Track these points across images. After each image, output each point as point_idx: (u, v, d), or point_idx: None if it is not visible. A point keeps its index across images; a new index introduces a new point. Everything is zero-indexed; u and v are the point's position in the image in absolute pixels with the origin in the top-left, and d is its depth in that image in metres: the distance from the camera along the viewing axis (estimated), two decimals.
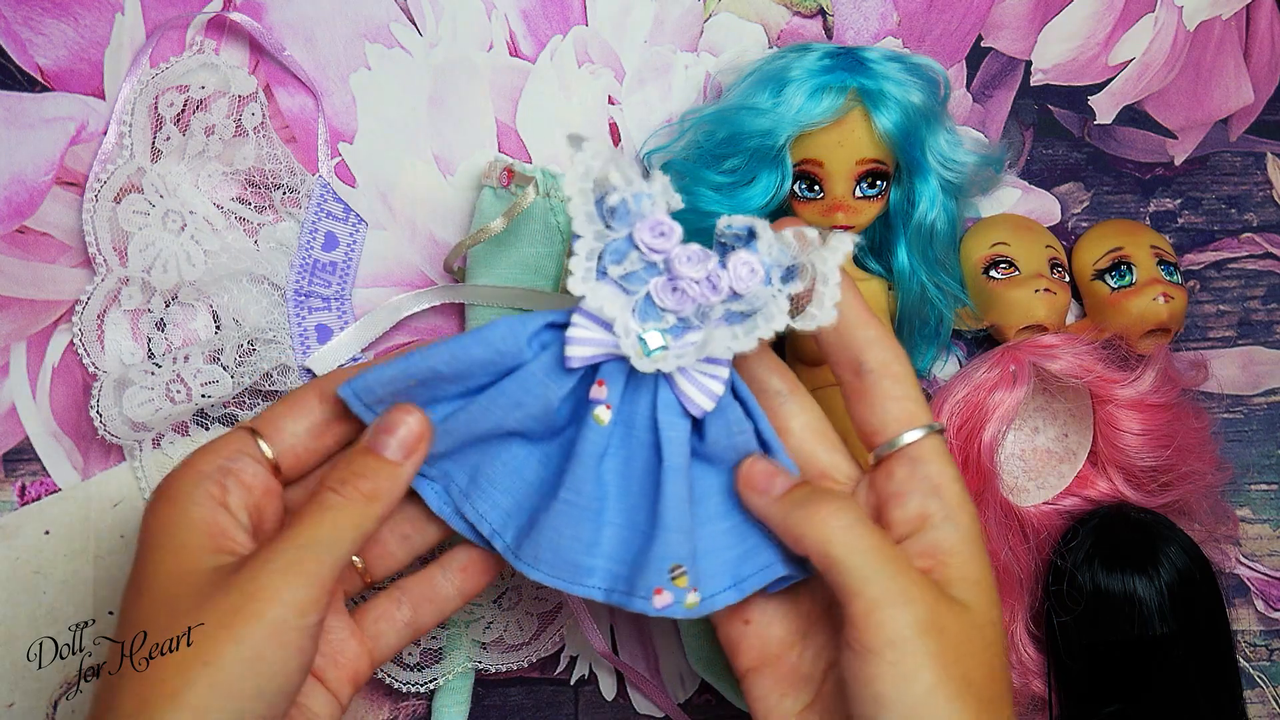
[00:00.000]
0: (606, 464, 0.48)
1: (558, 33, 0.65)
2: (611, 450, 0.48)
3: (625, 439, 0.48)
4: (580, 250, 0.46)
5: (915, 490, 0.47)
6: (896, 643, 0.44)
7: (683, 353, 0.46)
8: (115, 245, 0.60)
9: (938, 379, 0.66)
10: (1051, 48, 0.69)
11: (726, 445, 0.48)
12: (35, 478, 0.61)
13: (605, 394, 0.47)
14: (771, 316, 0.46)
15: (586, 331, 0.47)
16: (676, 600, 0.47)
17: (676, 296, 0.46)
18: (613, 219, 0.46)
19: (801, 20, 0.67)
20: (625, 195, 0.46)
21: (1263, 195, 0.70)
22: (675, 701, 0.64)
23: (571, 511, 0.47)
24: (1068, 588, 0.61)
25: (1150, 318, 0.63)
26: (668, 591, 0.46)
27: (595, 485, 0.47)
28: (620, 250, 0.46)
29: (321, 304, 0.62)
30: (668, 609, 0.46)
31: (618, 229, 0.46)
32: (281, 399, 0.50)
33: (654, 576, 0.46)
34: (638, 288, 0.47)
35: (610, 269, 0.46)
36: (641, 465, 0.48)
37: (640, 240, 0.46)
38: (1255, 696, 0.67)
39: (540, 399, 0.47)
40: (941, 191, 0.60)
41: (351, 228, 0.63)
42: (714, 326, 0.46)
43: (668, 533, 0.47)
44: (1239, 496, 0.68)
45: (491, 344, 0.48)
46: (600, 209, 0.46)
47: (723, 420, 0.48)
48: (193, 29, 0.62)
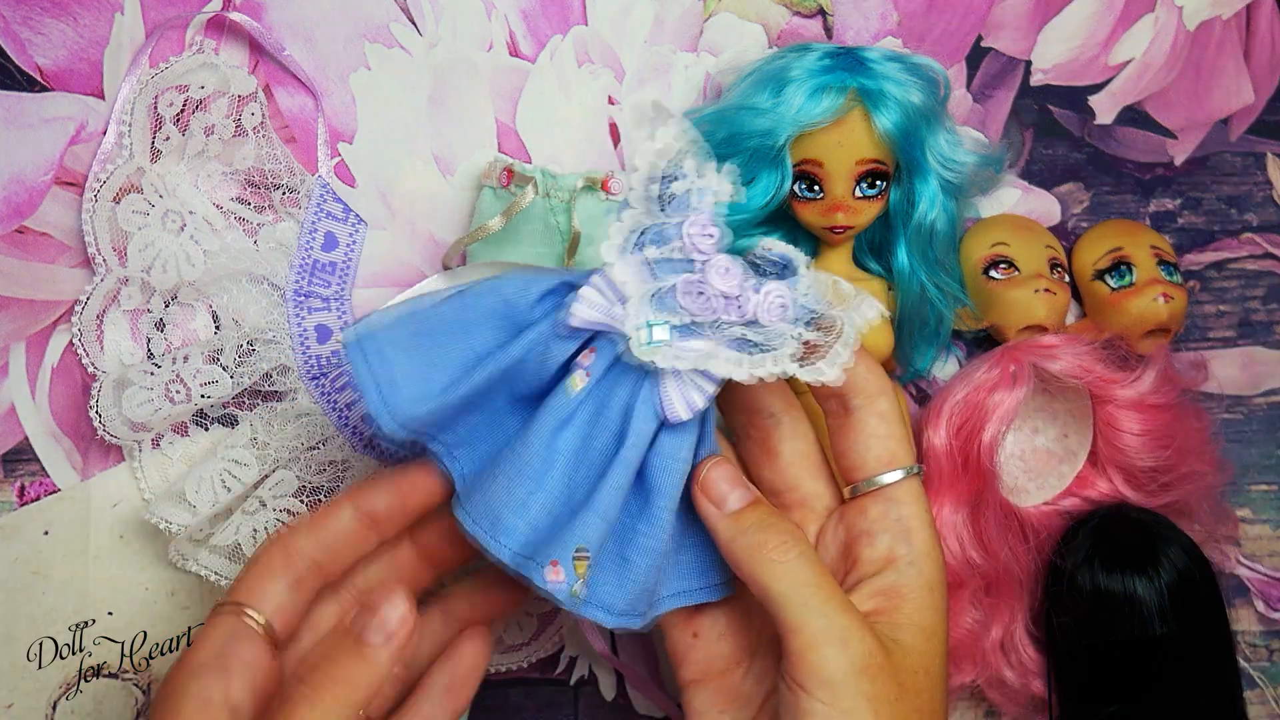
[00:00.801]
0: (565, 434, 0.47)
1: (558, 33, 0.65)
2: (575, 423, 0.47)
3: (593, 418, 0.47)
4: (625, 219, 0.46)
5: (886, 531, 0.48)
6: (831, 683, 0.44)
7: (681, 355, 0.46)
8: (115, 245, 0.60)
9: (938, 379, 0.66)
10: (1051, 48, 0.69)
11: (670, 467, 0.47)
12: (34, 478, 0.61)
13: (589, 362, 0.47)
14: (780, 360, 0.45)
15: (599, 297, 0.46)
16: (567, 581, 0.45)
17: (699, 301, 0.46)
18: (669, 204, 0.45)
19: (801, 20, 0.67)
20: (691, 186, 0.45)
21: (1263, 195, 0.70)
22: (675, 701, 0.64)
23: (514, 465, 0.47)
24: (1068, 588, 0.61)
25: (1150, 318, 0.63)
26: (563, 569, 0.45)
27: (546, 450, 0.47)
28: (664, 236, 0.46)
29: (321, 304, 0.62)
30: (555, 586, 0.45)
31: (671, 215, 0.46)
32: (252, 561, 0.48)
33: (557, 549, 0.45)
34: (666, 277, 0.46)
35: (648, 249, 0.46)
36: (599, 449, 0.47)
37: (688, 234, 0.45)
38: (1255, 697, 0.67)
39: (539, 358, 0.47)
40: (941, 191, 0.60)
41: (351, 228, 0.63)
42: (722, 344, 0.46)
43: (593, 516, 0.46)
44: (1239, 497, 0.68)
45: (501, 293, 0.47)
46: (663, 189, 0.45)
47: (679, 439, 0.47)
48: (192, 29, 0.62)
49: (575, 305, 0.46)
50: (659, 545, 0.47)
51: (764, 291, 0.45)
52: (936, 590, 0.48)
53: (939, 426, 0.61)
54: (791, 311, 0.46)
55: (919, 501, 0.48)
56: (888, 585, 0.47)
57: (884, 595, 0.47)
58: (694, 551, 0.50)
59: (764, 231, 0.62)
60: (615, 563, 0.47)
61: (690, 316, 0.46)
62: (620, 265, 0.46)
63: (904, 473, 0.48)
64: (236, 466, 0.59)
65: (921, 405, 0.66)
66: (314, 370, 0.61)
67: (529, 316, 0.48)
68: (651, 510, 0.47)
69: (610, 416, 0.47)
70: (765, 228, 0.62)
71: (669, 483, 0.47)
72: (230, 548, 0.58)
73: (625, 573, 0.47)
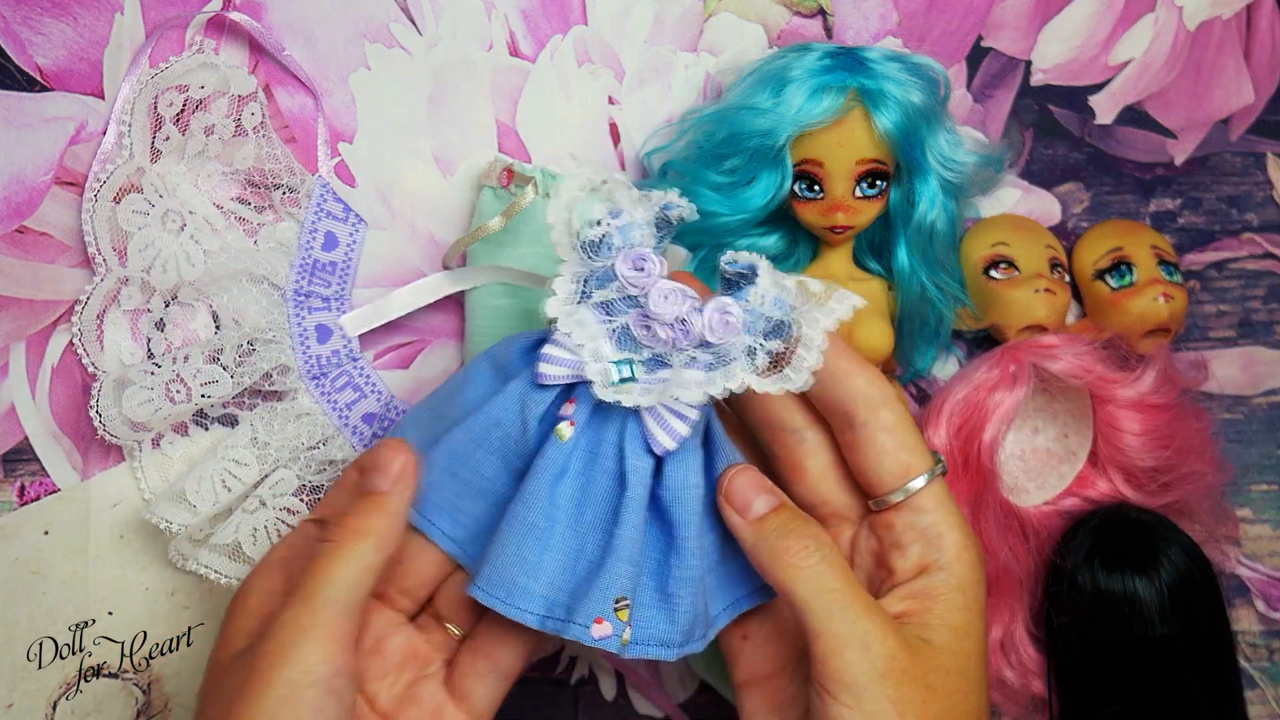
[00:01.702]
0: (563, 486, 0.47)
1: (558, 33, 0.65)
2: (571, 473, 0.47)
3: (588, 465, 0.47)
4: (565, 273, 0.47)
5: (915, 542, 0.47)
6: (854, 687, 0.44)
7: (650, 388, 0.46)
8: (115, 245, 0.60)
9: (938, 379, 0.66)
10: (1051, 48, 0.69)
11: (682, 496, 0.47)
12: (34, 478, 0.61)
13: (572, 412, 0.47)
14: (734, 374, 0.45)
15: (561, 352, 0.47)
16: (615, 633, 0.45)
17: (650, 334, 0.46)
18: (596, 252, 0.46)
19: (801, 20, 0.67)
20: (609, 230, 0.46)
21: (1263, 195, 0.70)
22: (675, 701, 0.64)
23: (518, 528, 0.46)
24: (1068, 588, 0.61)
25: (1150, 318, 0.63)
26: (608, 622, 0.45)
27: (548, 505, 0.46)
28: (605, 276, 0.46)
29: (321, 304, 0.62)
30: (604, 641, 0.45)
31: (602, 259, 0.46)
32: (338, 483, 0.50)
33: (596, 605, 0.45)
34: (619, 317, 0.46)
35: (595, 293, 0.46)
36: (601, 493, 0.47)
37: (620, 272, 0.46)
38: (1255, 697, 0.67)
39: (517, 415, 0.47)
40: (941, 191, 0.60)
41: (351, 227, 0.63)
42: (683, 369, 0.46)
43: (619, 563, 0.46)
44: (1239, 497, 0.68)
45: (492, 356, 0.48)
46: (582, 239, 0.46)
47: (683, 465, 0.47)
48: (192, 29, 0.62)
49: (541, 365, 0.47)
50: (695, 574, 0.47)
51: (706, 311, 0.45)
52: (969, 590, 0.47)
53: (939, 426, 0.61)
54: (741, 323, 0.45)
55: (944, 505, 0.48)
56: (919, 588, 0.47)
57: (915, 598, 0.47)
58: (735, 561, 0.49)
59: (764, 231, 0.62)
60: (659, 600, 0.47)
61: (650, 350, 0.46)
62: (565, 317, 0.46)
63: (925, 478, 0.48)
64: (237, 466, 0.59)
65: (921, 405, 0.66)
66: (314, 370, 0.61)
67: (514, 370, 0.48)
68: (678, 543, 0.47)
69: (605, 460, 0.47)
70: (765, 228, 0.62)
71: (686, 511, 0.47)
72: (231, 546, 0.58)
73: (672, 608, 0.47)
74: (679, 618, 0.47)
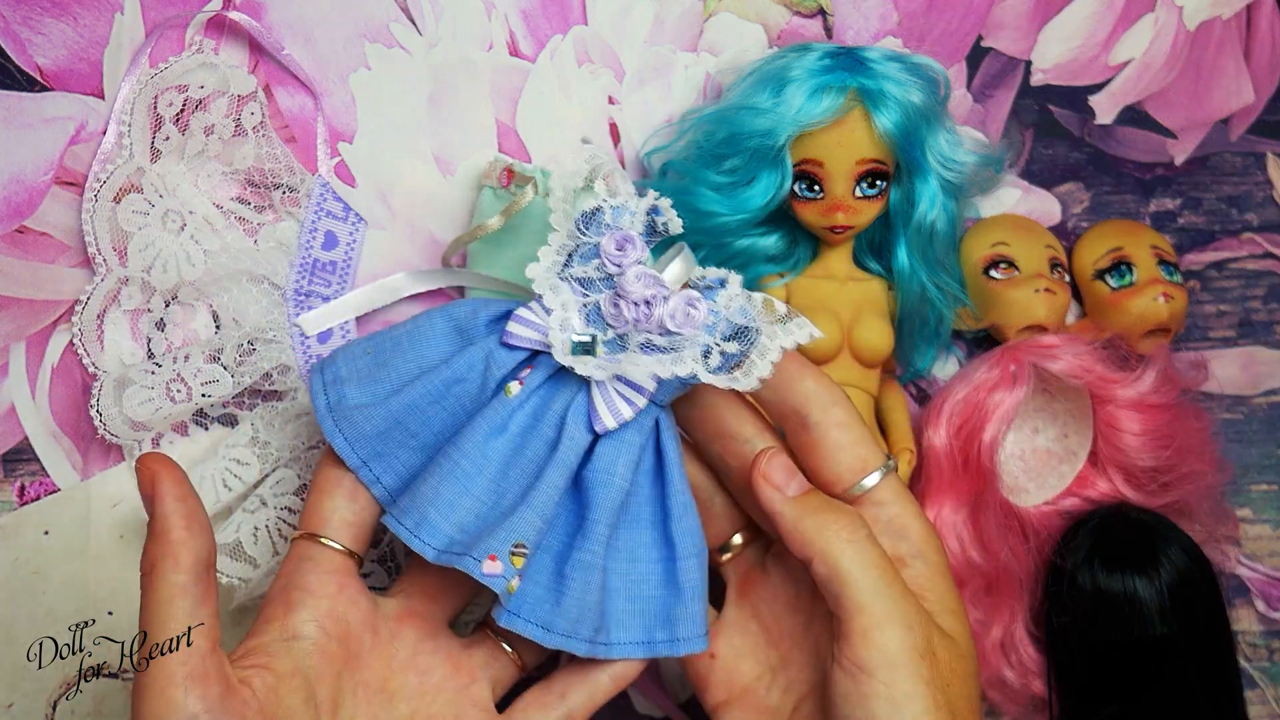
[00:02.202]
0: (498, 442, 0.48)
1: (558, 33, 0.65)
2: (509, 432, 0.48)
3: (527, 428, 0.48)
4: (552, 243, 0.49)
5: (882, 534, 0.48)
6: (894, 664, 0.44)
7: (603, 365, 0.48)
8: (115, 245, 0.60)
9: (938, 379, 0.66)
10: (1051, 48, 0.69)
11: (605, 480, 0.48)
12: (35, 478, 0.61)
13: (526, 374, 0.48)
14: (686, 361, 0.47)
15: (533, 315, 0.49)
16: (505, 574, 0.46)
17: (616, 311, 0.48)
18: (588, 226, 0.48)
19: (801, 20, 0.67)
20: (603, 205, 0.48)
21: (1263, 195, 0.70)
22: (675, 701, 0.64)
23: (445, 467, 0.47)
24: (1068, 588, 0.61)
25: (1150, 318, 0.63)
26: (500, 562, 0.46)
27: (478, 456, 0.47)
28: (587, 254, 0.48)
29: (321, 304, 0.62)
30: (492, 579, 0.46)
31: (591, 235, 0.48)
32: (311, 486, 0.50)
33: (495, 544, 0.46)
34: (593, 294, 0.48)
35: (577, 267, 0.48)
36: (532, 456, 0.48)
37: (603, 248, 0.48)
38: (1255, 697, 0.67)
39: (480, 374, 0.48)
40: (941, 191, 0.60)
41: (351, 227, 0.63)
42: (637, 351, 0.48)
43: (529, 511, 0.47)
44: (1239, 497, 0.68)
45: (453, 316, 0.50)
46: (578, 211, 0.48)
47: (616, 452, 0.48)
48: (192, 28, 0.62)
49: (511, 324, 0.48)
50: (594, 560, 0.48)
51: (673, 299, 0.47)
52: (946, 574, 0.49)
53: (939, 426, 0.61)
54: (712, 324, 0.47)
55: (902, 496, 0.49)
56: None
57: None
58: (657, 602, 0.50)
59: (764, 231, 0.62)
60: (552, 579, 0.48)
61: (615, 331, 0.48)
62: (541, 281, 0.48)
63: (880, 473, 0.49)
64: (237, 465, 0.59)
65: (921, 405, 0.66)
66: None
67: (476, 336, 0.49)
68: (587, 525, 0.48)
69: (545, 428, 0.48)
70: (765, 227, 0.62)
71: (604, 496, 0.48)
72: (232, 546, 0.58)
73: (562, 590, 0.48)
74: (566, 603, 0.48)
